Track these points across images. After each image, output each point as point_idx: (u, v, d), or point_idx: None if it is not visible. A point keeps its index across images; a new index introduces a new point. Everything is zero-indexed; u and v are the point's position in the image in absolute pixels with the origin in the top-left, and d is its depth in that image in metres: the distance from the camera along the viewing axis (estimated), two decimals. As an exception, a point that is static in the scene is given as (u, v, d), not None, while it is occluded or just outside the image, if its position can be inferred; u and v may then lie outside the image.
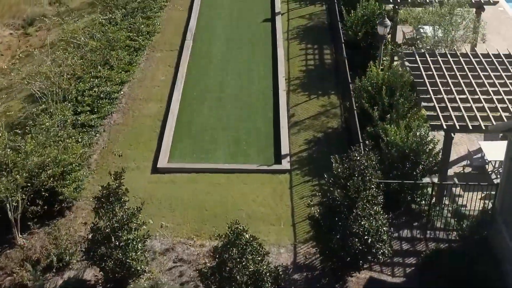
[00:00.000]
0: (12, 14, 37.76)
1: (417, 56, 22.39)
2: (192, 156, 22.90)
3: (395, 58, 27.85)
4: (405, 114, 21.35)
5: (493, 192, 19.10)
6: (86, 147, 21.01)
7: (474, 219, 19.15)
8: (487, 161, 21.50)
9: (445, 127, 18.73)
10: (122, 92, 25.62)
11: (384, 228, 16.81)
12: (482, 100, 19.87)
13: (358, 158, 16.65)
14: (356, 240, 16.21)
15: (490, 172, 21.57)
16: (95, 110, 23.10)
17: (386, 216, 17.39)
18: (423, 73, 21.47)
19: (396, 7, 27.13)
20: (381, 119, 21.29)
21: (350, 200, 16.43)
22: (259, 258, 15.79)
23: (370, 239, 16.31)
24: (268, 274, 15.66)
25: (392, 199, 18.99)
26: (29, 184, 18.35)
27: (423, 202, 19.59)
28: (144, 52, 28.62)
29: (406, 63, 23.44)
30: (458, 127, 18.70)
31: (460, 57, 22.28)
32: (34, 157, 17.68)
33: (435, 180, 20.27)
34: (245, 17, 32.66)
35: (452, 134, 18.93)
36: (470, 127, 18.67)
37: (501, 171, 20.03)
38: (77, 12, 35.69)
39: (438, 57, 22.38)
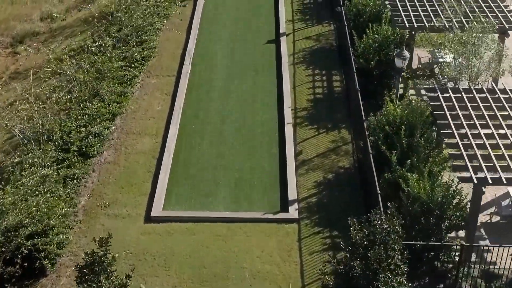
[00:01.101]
0: (0, 32, 35.69)
1: (439, 92, 20.23)
2: (190, 201, 20.74)
3: (410, 85, 25.74)
4: (427, 157, 19.23)
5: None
6: (69, 204, 18.75)
7: (506, 279, 17.06)
8: (517, 209, 19.40)
9: (475, 180, 16.56)
10: (113, 128, 23.46)
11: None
12: (515, 146, 17.77)
13: (379, 223, 14.50)
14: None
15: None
16: (83, 149, 20.89)
17: (410, 285, 15.26)
18: (447, 112, 19.33)
19: (413, 32, 24.98)
20: (399, 163, 19.14)
21: (371, 272, 14.29)
22: None
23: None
24: None
25: (414, 257, 16.86)
26: (4, 245, 16.21)
27: (450, 263, 17.44)
28: (138, 78, 26.45)
29: (425, 97, 21.37)
30: (490, 181, 16.54)
31: (487, 93, 20.13)
32: (10, 216, 15.53)
33: (462, 234, 18.16)
34: (247, 38, 30.49)
35: (483, 188, 16.78)
36: (505, 181, 16.51)
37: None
38: (69, 29, 33.73)
39: (462, 93, 20.24)
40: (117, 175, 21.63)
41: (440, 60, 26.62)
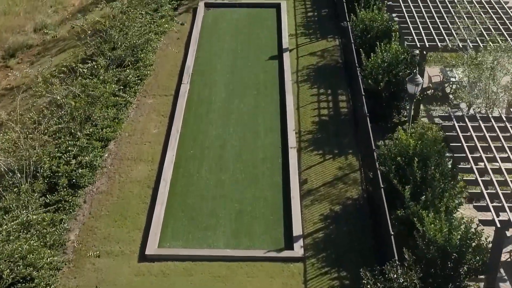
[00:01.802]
0: (-9, 44, 34.35)
1: (454, 121, 18.84)
2: (187, 235, 19.37)
3: (421, 108, 24.42)
4: (442, 192, 17.86)
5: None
6: (56, 244, 17.36)
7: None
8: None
9: (498, 224, 15.18)
10: (106, 155, 22.10)
11: None
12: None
13: (395, 276, 13.14)
14: None
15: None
16: (74, 181, 19.49)
17: None
18: (464, 144, 17.94)
19: (424, 52, 23.60)
20: (413, 197, 17.77)
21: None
22: None
23: None
24: None
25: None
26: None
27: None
28: (134, 98, 25.08)
29: (439, 121, 20.01)
30: (515, 224, 15.18)
31: (507, 122, 18.75)
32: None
33: (481, 277, 16.78)
34: (249, 54, 29.10)
35: (507, 232, 15.41)
36: (531, 225, 15.15)
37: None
38: (63, 42, 32.36)
39: (480, 121, 18.85)
40: (110, 207, 20.26)
41: (452, 79, 25.28)
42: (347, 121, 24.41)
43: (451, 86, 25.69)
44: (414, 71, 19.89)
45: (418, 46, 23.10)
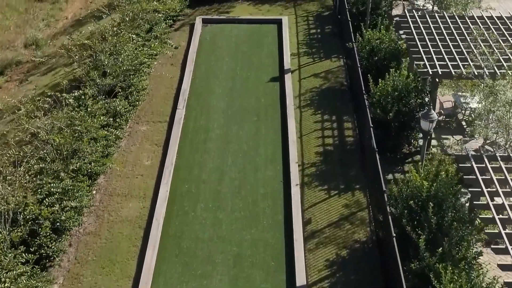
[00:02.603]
0: (-20, 61, 32.80)
1: (473, 161, 17.28)
2: (181, 285, 17.77)
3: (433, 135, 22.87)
4: (460, 240, 16.28)
5: None
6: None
7: None
8: None
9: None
10: (94, 192, 20.55)
11: None
12: None
13: None
14: None
15: None
16: (58, 224, 17.88)
17: None
18: (484, 190, 16.39)
19: (437, 79, 22.02)
20: (427, 247, 16.18)
21: None
22: None
23: None
24: None
25: None
26: None
27: None
28: (126, 126, 23.53)
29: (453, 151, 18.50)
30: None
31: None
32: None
33: None
34: (249, 76, 27.52)
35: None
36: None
37: None
38: (54, 59, 30.80)
39: (500, 161, 17.29)
40: (98, 251, 18.68)
41: (465, 105, 23.73)
42: (353, 151, 22.83)
43: (464, 113, 24.13)
44: (428, 102, 18.26)
45: (430, 73, 21.52)
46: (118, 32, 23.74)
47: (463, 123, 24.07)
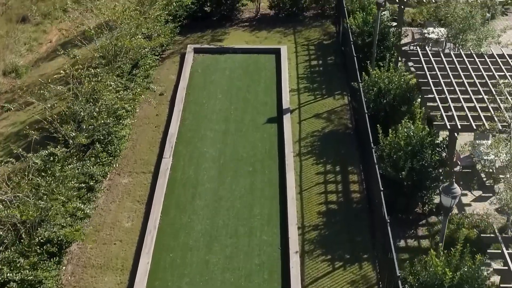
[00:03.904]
0: (-45, 91, 30.24)
1: (502, 245, 14.71)
2: None
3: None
4: None
5: None
6: None
7: None
8: None
9: None
10: (66, 261, 17.98)
11: None
12: None
13: None
14: None
15: None
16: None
17: None
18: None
19: (455, 133, 19.45)
20: None
21: None
22: None
23: None
24: None
25: None
26: None
27: None
28: (105, 180, 21.00)
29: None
30: None
31: None
32: None
33: None
34: (244, 116, 24.90)
35: None
36: None
37: None
38: (35, 88, 28.21)
39: None
40: None
41: (484, 156, 21.19)
42: (361, 211, 20.29)
43: (482, 164, 21.59)
44: (445, 157, 15.67)
45: (448, 127, 18.98)
46: (97, 73, 21.11)
47: (483, 175, 21.55)
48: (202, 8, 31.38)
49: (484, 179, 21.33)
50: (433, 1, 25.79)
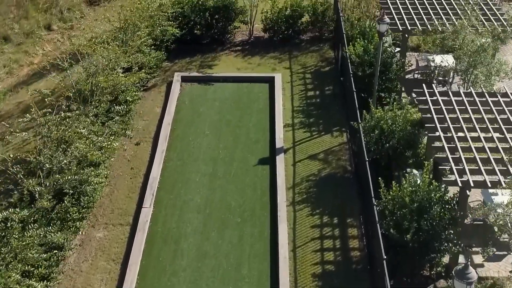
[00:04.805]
0: None
1: None
2: None
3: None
4: None
5: None
6: None
7: None
8: None
9: None
10: None
11: None
12: None
13: None
14: None
15: None
16: None
17: None
18: None
19: (466, 190, 17.35)
20: None
21: None
22: None
23: None
24: None
25: None
26: None
27: None
28: (78, 232, 18.93)
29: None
30: None
31: None
32: None
33: None
34: (233, 157, 22.76)
35: None
36: None
37: None
38: (9, 120, 26.16)
39: None
40: None
41: (497, 209, 19.07)
42: (361, 272, 18.20)
43: (495, 215, 19.48)
44: (466, 263, 13.50)
45: (460, 184, 16.88)
46: (67, 117, 19.01)
47: (495, 228, 19.43)
48: (191, 31, 29.29)
49: (498, 233, 19.21)
50: (439, 29, 23.64)
